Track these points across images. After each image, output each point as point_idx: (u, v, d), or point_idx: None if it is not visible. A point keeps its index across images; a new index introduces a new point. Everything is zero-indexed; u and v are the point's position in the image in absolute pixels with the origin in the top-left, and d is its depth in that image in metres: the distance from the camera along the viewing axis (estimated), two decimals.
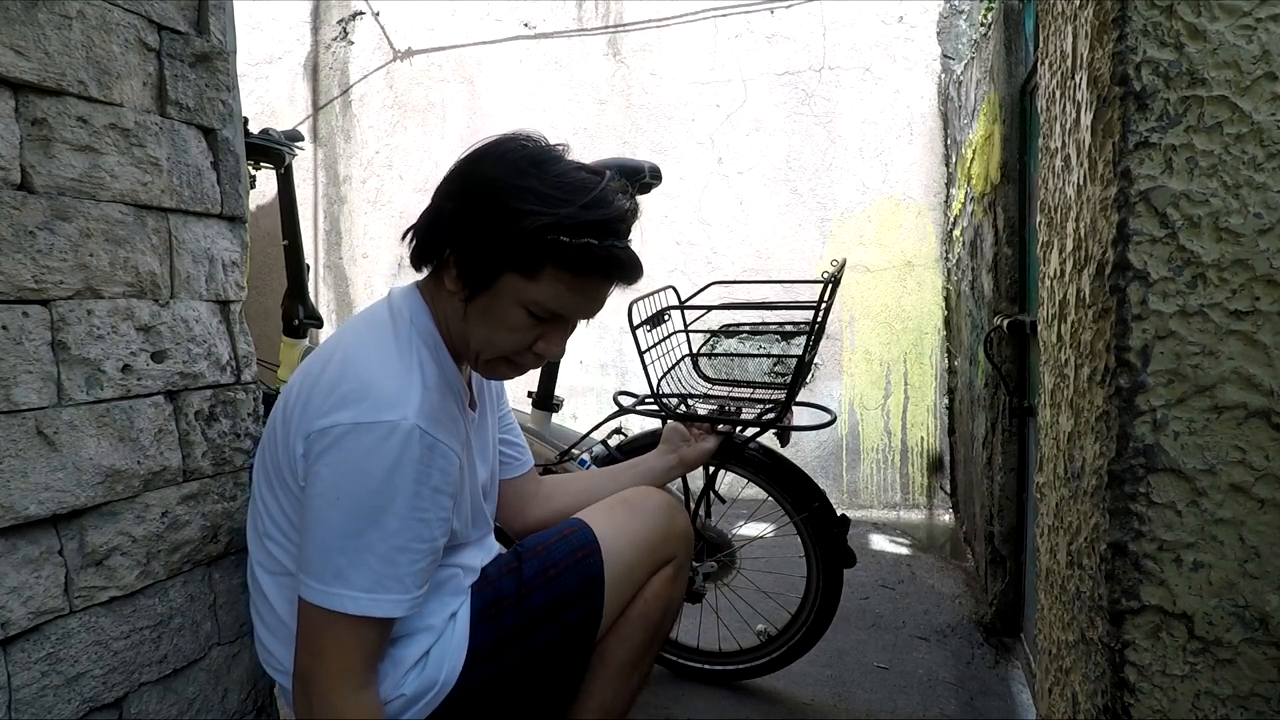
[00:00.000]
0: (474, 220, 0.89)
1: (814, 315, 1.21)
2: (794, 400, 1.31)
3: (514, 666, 1.02)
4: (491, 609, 1.02)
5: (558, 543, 1.09)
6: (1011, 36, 1.85)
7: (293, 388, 0.94)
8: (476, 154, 0.94)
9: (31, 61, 0.82)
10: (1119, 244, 0.70)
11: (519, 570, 1.06)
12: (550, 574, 1.05)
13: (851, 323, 3.22)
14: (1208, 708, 0.69)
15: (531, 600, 1.03)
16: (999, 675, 1.77)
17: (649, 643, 1.14)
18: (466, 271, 0.92)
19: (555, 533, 1.11)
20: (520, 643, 1.02)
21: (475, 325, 0.94)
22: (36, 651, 0.83)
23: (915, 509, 3.20)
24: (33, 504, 0.82)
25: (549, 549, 1.08)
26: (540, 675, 1.05)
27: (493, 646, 1.00)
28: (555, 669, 1.06)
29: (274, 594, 0.98)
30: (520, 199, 0.87)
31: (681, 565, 1.18)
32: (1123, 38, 0.68)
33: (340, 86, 3.89)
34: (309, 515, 0.87)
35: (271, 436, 0.96)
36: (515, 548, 1.11)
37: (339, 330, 1.00)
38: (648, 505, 1.16)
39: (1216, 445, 0.68)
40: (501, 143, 0.94)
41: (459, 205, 0.91)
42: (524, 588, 1.04)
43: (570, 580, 1.05)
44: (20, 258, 0.81)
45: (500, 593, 1.04)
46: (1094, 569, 0.75)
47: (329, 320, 3.96)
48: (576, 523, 1.12)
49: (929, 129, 3.12)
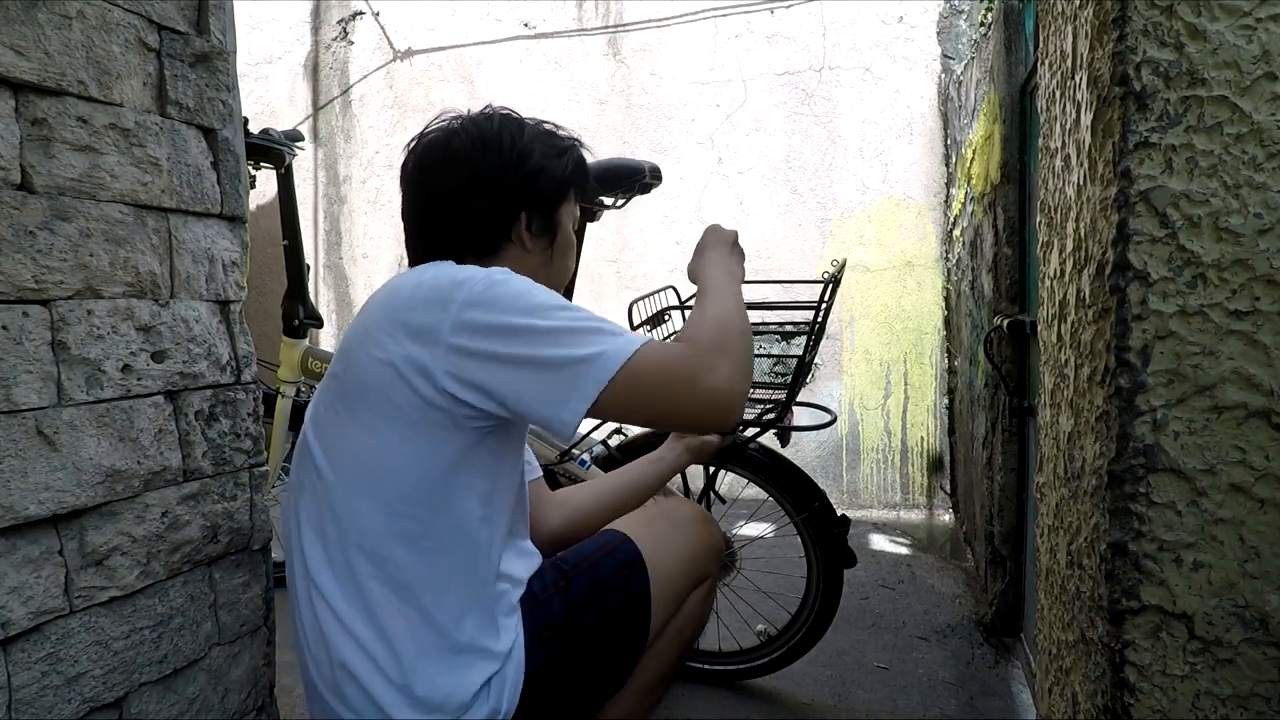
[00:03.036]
0: (534, 174, 1.00)
1: (814, 315, 1.21)
2: (794, 400, 1.31)
3: (568, 687, 1.00)
4: (545, 632, 0.98)
5: (603, 558, 1.06)
6: (1011, 36, 1.85)
7: (380, 316, 0.91)
8: (470, 142, 0.99)
9: (31, 61, 0.82)
10: (1119, 244, 0.70)
11: (568, 590, 1.02)
12: (599, 592, 1.03)
13: (851, 323, 3.22)
14: (1208, 708, 0.69)
15: (584, 620, 1.01)
16: (999, 675, 1.77)
17: (679, 659, 1.15)
18: (544, 222, 1.03)
19: (598, 546, 1.08)
20: (574, 664, 1.00)
21: (557, 263, 1.06)
22: (36, 651, 0.83)
23: (915, 509, 3.20)
24: (33, 504, 0.82)
25: (595, 565, 1.05)
26: (590, 693, 1.04)
27: (549, 669, 0.97)
28: (602, 687, 1.05)
29: (420, 571, 0.89)
30: (552, 140, 1.03)
31: (714, 582, 1.19)
32: (1123, 38, 0.68)
33: (340, 86, 3.89)
34: (524, 345, 0.82)
35: (357, 398, 0.90)
36: (558, 563, 1.06)
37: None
38: (686, 520, 1.16)
39: (1216, 445, 0.68)
40: (479, 122, 1.01)
41: (512, 173, 0.98)
42: (575, 608, 1.01)
43: (618, 598, 1.03)
44: (20, 258, 0.81)
45: (552, 614, 1.00)
46: (1094, 569, 0.75)
47: (329, 320, 3.97)
48: (619, 536, 1.09)
49: (929, 129, 3.12)
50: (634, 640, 1.05)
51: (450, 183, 0.98)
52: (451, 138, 0.99)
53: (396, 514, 0.89)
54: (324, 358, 2.20)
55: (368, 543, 0.89)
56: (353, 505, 0.90)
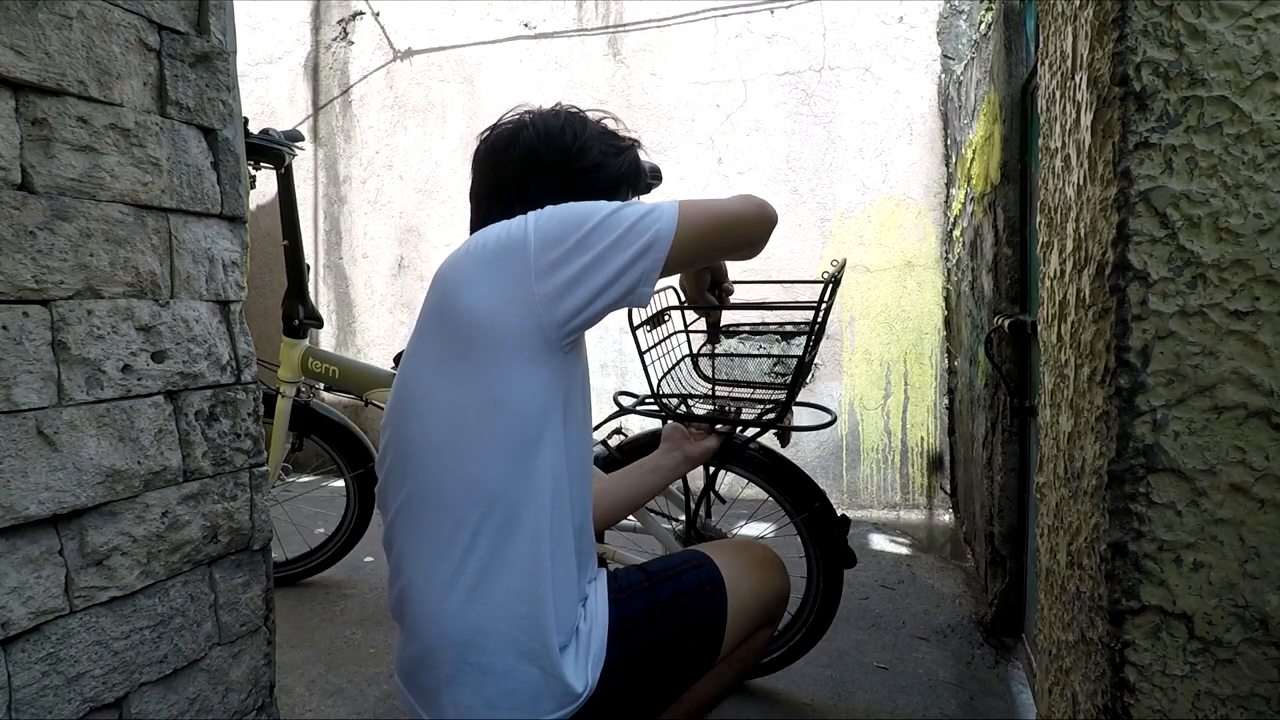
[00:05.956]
0: (591, 169, 1.05)
1: (814, 315, 1.21)
2: (794, 400, 1.31)
3: (636, 685, 1.01)
4: (627, 624, 1.01)
5: (686, 571, 1.09)
6: (1011, 36, 1.85)
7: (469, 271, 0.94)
8: (536, 134, 1.05)
9: (32, 61, 0.82)
10: (1119, 244, 0.70)
11: (652, 591, 1.06)
12: (681, 600, 1.06)
13: (851, 323, 3.22)
14: (1208, 708, 0.69)
15: (664, 622, 1.04)
16: (999, 675, 1.77)
17: (730, 687, 1.18)
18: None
19: (683, 560, 1.12)
20: (647, 662, 1.02)
21: None
22: (37, 651, 0.83)
23: (915, 509, 3.20)
24: (33, 504, 0.82)
25: (679, 576, 1.09)
26: (651, 696, 1.05)
27: (624, 661, 1.00)
28: (663, 693, 1.07)
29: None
30: (612, 139, 1.09)
31: (775, 628, 1.23)
32: (1123, 38, 0.68)
33: (340, 87, 3.89)
34: (598, 267, 0.89)
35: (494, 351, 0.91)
36: (643, 567, 1.11)
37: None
38: (766, 561, 1.19)
39: (1216, 445, 0.68)
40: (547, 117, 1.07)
41: (571, 164, 1.03)
42: (658, 609, 1.04)
43: (698, 610, 1.06)
44: (20, 258, 0.81)
45: (635, 609, 1.03)
46: (1094, 569, 0.76)
47: (329, 320, 3.97)
48: (701, 555, 1.13)
49: (929, 129, 3.12)
50: (705, 654, 1.07)
51: (514, 168, 1.04)
52: (520, 129, 1.05)
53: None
54: (324, 358, 2.20)
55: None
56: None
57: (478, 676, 0.90)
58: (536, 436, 0.91)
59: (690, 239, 0.93)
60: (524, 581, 0.90)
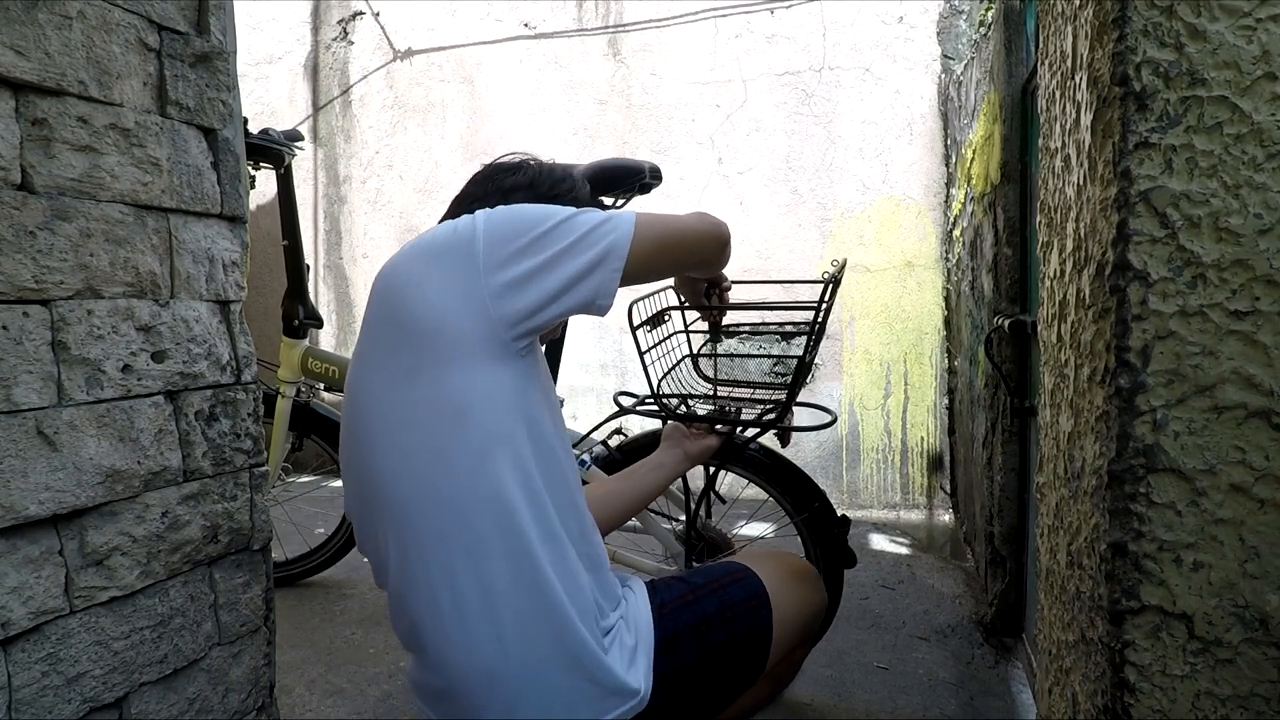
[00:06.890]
0: (573, 202, 1.08)
1: (814, 315, 1.21)
2: (794, 401, 1.31)
3: (686, 699, 1.01)
4: (672, 639, 1.00)
5: (731, 584, 1.09)
6: (1011, 36, 1.85)
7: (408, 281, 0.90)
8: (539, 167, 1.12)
9: (32, 61, 0.82)
10: (1119, 244, 0.70)
11: (697, 605, 1.05)
12: (728, 614, 1.05)
13: (851, 323, 3.22)
14: (1208, 708, 0.69)
15: (711, 636, 1.03)
16: (999, 675, 1.77)
17: (765, 701, 1.19)
18: None
19: (725, 572, 1.11)
20: (695, 677, 1.02)
21: None
22: (37, 651, 0.83)
23: (915, 509, 3.20)
24: (33, 504, 0.82)
25: (724, 588, 1.08)
26: (702, 711, 1.05)
27: (672, 675, 0.99)
28: (713, 708, 1.06)
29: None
30: (602, 204, 1.21)
31: (813, 645, 1.25)
32: (1123, 38, 0.68)
33: (340, 87, 3.89)
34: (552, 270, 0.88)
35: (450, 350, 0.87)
36: (684, 578, 1.10)
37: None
38: (807, 575, 1.19)
39: (1216, 445, 0.68)
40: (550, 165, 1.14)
41: (557, 189, 1.09)
42: (704, 623, 1.03)
43: (744, 624, 1.06)
44: (20, 258, 0.81)
45: (680, 624, 1.02)
46: (1094, 569, 0.76)
47: (329, 320, 3.97)
48: (744, 568, 1.13)
49: (929, 129, 3.12)
50: (751, 668, 1.07)
51: (510, 183, 1.08)
52: (525, 161, 1.12)
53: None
54: (324, 358, 2.20)
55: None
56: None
57: (519, 703, 0.88)
58: (503, 443, 0.87)
59: (645, 252, 0.93)
60: (531, 600, 0.87)
